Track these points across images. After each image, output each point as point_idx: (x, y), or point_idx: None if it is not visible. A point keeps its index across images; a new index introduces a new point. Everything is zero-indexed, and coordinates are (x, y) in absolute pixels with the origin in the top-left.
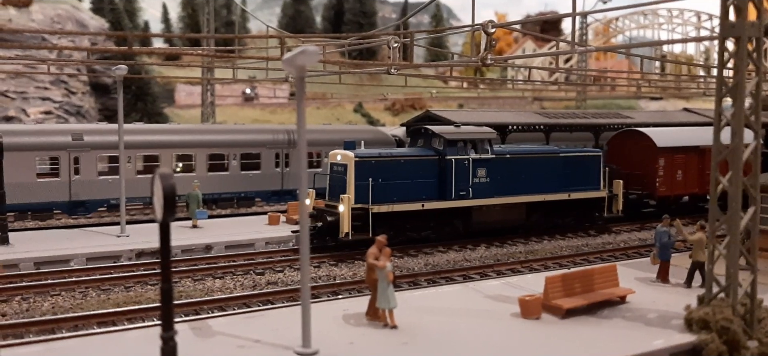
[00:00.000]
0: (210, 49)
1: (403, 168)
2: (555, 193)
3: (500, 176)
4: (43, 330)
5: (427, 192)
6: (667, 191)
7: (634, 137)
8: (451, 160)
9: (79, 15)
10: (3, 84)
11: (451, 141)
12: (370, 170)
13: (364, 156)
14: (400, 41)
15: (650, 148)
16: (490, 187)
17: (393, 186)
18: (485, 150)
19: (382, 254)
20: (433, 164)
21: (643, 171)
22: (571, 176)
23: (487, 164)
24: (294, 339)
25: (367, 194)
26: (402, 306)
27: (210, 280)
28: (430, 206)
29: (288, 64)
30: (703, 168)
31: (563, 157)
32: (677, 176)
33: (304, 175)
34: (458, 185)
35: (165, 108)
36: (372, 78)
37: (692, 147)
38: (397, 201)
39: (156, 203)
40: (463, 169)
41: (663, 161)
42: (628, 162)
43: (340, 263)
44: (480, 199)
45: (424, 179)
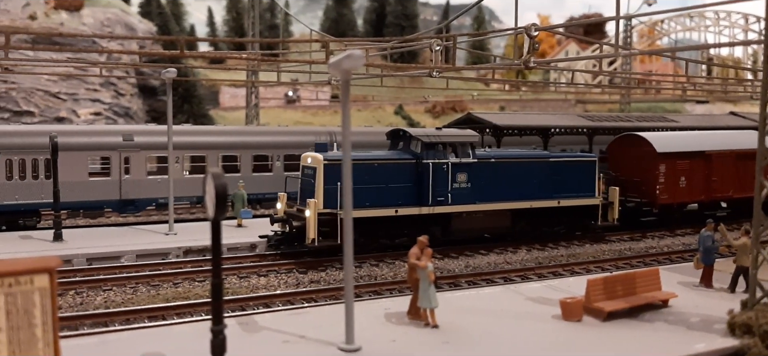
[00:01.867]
0: (255, 52)
1: (377, 172)
2: (543, 200)
3: (483, 181)
4: (96, 322)
5: (404, 198)
6: (669, 198)
7: (634, 141)
8: (428, 164)
9: (128, 19)
10: (55, 86)
11: (429, 145)
12: (338, 174)
13: (334, 159)
14: (442, 44)
15: (650, 153)
16: (472, 193)
17: (366, 191)
18: (466, 154)
19: (423, 254)
20: (409, 169)
21: (642, 178)
22: (563, 183)
23: (468, 169)
24: (337, 335)
25: (335, 199)
26: (443, 306)
27: (255, 278)
28: (405, 212)
29: (334, 68)
30: (710, 175)
31: (553, 162)
32: (680, 184)
33: (347, 176)
34: (436, 191)
35: (210, 110)
36: (413, 80)
37: (697, 153)
38: (370, 206)
39: (208, 202)
40: (442, 174)
41: (664, 167)
42: (628, 168)
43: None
44: (460, 205)
45: (400, 183)
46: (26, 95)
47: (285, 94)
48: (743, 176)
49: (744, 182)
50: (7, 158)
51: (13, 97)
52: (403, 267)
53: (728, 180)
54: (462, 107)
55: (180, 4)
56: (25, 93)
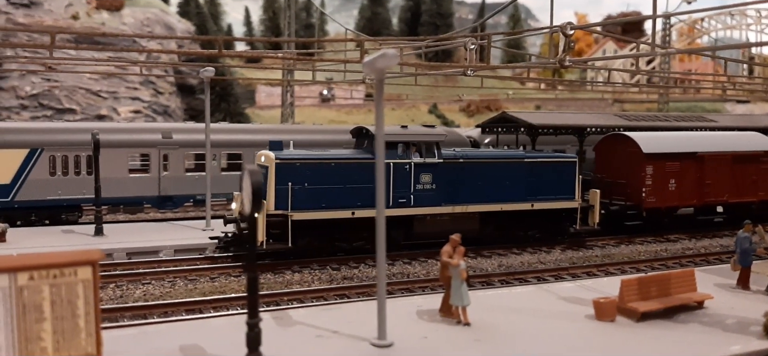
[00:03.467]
0: (291, 52)
1: (334, 172)
2: (515, 202)
3: (449, 182)
4: (135, 315)
5: (363, 199)
6: (657, 202)
7: (620, 141)
8: (388, 164)
9: (167, 18)
10: (96, 84)
11: (390, 144)
12: (293, 174)
13: (287, 158)
14: (477, 43)
15: (636, 154)
16: (437, 194)
17: (322, 192)
18: (431, 154)
19: (456, 252)
20: (369, 169)
21: (628, 180)
22: (538, 185)
23: (433, 170)
24: (369, 331)
25: (286, 200)
26: (475, 304)
27: (289, 273)
28: (362, 214)
29: (368, 68)
30: (703, 178)
31: (529, 163)
32: (670, 186)
33: (380, 176)
34: (397, 192)
35: (246, 108)
36: (447, 79)
37: (689, 154)
38: (326, 208)
39: (245, 198)
40: (403, 174)
41: (651, 168)
42: (614, 170)
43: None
44: (423, 207)
45: (358, 184)
46: (68, 93)
47: (320, 92)
48: (740, 179)
49: (741, 186)
50: (51, 155)
51: (56, 95)
52: (435, 265)
53: (723, 184)
54: (497, 106)
55: (217, 4)
56: (68, 91)
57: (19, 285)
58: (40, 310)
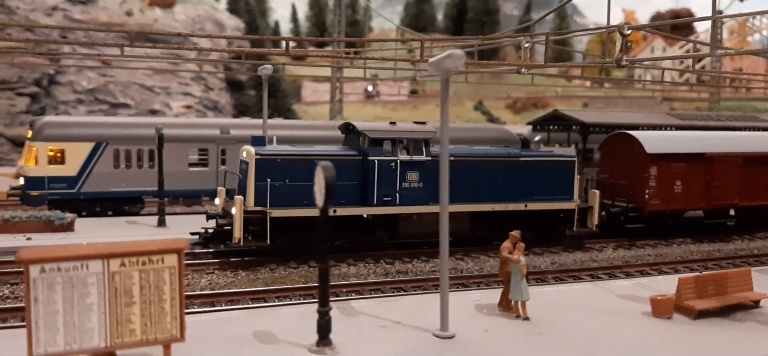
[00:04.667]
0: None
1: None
2: (508, 202)
3: (437, 180)
4: (204, 302)
5: (347, 197)
6: (661, 205)
7: (624, 141)
8: (373, 161)
9: (217, 15)
10: (149, 80)
11: (376, 140)
12: (273, 170)
13: (267, 153)
14: (531, 41)
15: (640, 154)
16: (424, 193)
17: (303, 188)
18: (419, 151)
19: (516, 248)
20: (354, 166)
21: (630, 181)
22: (535, 184)
23: (421, 168)
24: (430, 323)
25: (265, 196)
26: (531, 300)
27: (345, 266)
28: (344, 212)
29: (434, 67)
30: (711, 180)
31: (524, 162)
32: (675, 189)
33: (444, 173)
34: (381, 190)
35: (293, 104)
36: (493, 76)
37: (696, 155)
38: (308, 205)
39: (317, 192)
40: (389, 172)
41: (656, 170)
42: (617, 170)
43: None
44: (409, 206)
45: (343, 181)
46: (123, 88)
47: (365, 89)
48: (752, 182)
49: (753, 189)
50: (115, 148)
51: (111, 90)
52: (488, 262)
53: (733, 187)
54: (544, 103)
55: (265, 0)
56: (122, 86)
57: (111, 271)
58: (130, 294)
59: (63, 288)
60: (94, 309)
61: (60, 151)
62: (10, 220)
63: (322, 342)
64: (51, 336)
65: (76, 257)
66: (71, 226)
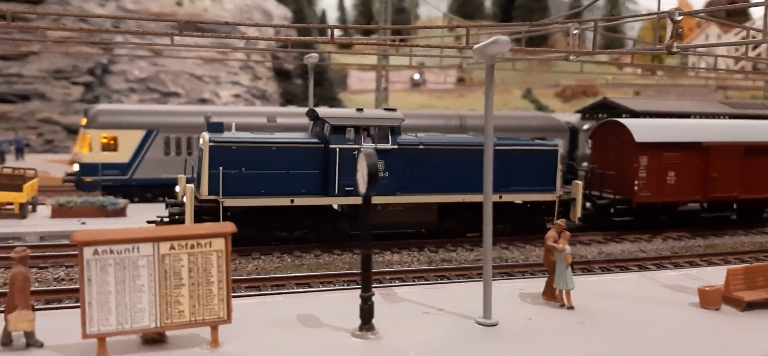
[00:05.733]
0: (386, 38)
1: (275, 157)
2: (479, 193)
3: (405, 170)
4: (250, 286)
5: (308, 186)
6: (652, 196)
7: (613, 129)
8: (334, 149)
9: (265, 4)
10: (199, 69)
11: (338, 127)
12: (228, 157)
13: (222, 140)
14: (580, 28)
15: (628, 143)
16: (390, 183)
17: (260, 177)
18: (384, 140)
19: (561, 237)
20: (315, 154)
21: (619, 171)
22: (512, 175)
23: (386, 156)
24: (474, 310)
25: (218, 185)
26: (577, 289)
27: (389, 254)
28: (303, 202)
29: (479, 54)
30: (708, 171)
31: (501, 151)
32: (668, 179)
33: (489, 161)
34: (343, 180)
35: (339, 93)
36: (541, 64)
37: (691, 144)
38: (266, 195)
39: (360, 179)
40: (351, 160)
41: (646, 159)
42: (607, 160)
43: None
44: (374, 196)
45: (303, 170)
46: (174, 77)
47: (411, 77)
48: (753, 174)
49: (754, 181)
50: (165, 136)
51: (162, 79)
52: (534, 251)
53: (733, 178)
54: (594, 92)
55: None
56: (173, 75)
57: (161, 253)
58: (179, 276)
59: (115, 270)
60: (144, 291)
61: (113, 138)
62: (65, 205)
63: (364, 327)
64: (104, 315)
65: (128, 240)
66: (123, 211)
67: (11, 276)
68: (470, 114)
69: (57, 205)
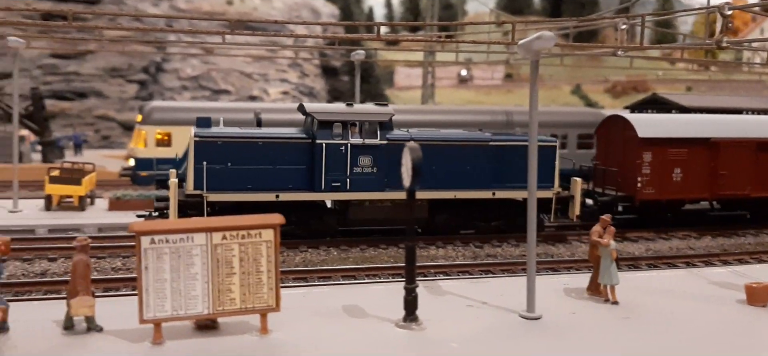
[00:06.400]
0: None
1: (261, 152)
2: (472, 190)
3: (394, 166)
4: (297, 278)
5: (295, 181)
6: (656, 194)
7: (616, 124)
8: (321, 144)
9: (314, 3)
10: (248, 67)
11: (325, 123)
12: (213, 153)
13: (206, 135)
14: (628, 23)
15: (632, 139)
16: (378, 179)
17: (247, 172)
18: (372, 135)
19: (606, 232)
20: (302, 149)
21: (621, 167)
22: (507, 171)
23: (374, 152)
24: (517, 304)
25: (202, 180)
26: (622, 284)
27: (433, 249)
28: (288, 197)
29: (524, 49)
30: (716, 168)
31: (495, 146)
32: (674, 177)
33: (533, 156)
34: (330, 175)
35: (385, 89)
36: (591, 59)
37: (699, 140)
38: (252, 190)
39: (404, 173)
40: (338, 156)
41: (650, 155)
42: (610, 156)
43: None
44: (361, 192)
45: (289, 165)
46: (224, 74)
47: (458, 73)
48: (766, 171)
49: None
50: None
51: (213, 77)
52: (580, 247)
53: (743, 176)
54: (645, 87)
55: None
56: (224, 73)
57: (213, 243)
58: (231, 265)
59: (170, 258)
60: (198, 279)
61: (167, 134)
62: (122, 198)
63: (408, 318)
64: (160, 302)
65: (183, 230)
66: None
67: (73, 264)
68: (517, 110)
69: (114, 198)
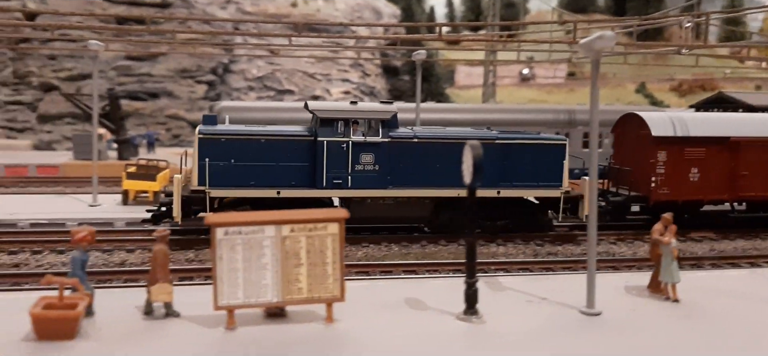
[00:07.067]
0: (494, 33)
1: (264, 149)
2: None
3: (397, 164)
4: (359, 271)
5: (298, 178)
6: (672, 195)
7: (631, 123)
8: (322, 142)
9: (375, 3)
10: (312, 67)
11: (326, 120)
12: (216, 149)
13: (210, 132)
14: (693, 21)
15: (645, 137)
16: (380, 176)
17: (250, 168)
18: (374, 133)
19: (667, 230)
20: (304, 146)
21: (635, 167)
22: (514, 170)
23: (376, 150)
24: (577, 301)
25: (205, 176)
26: (684, 283)
27: (494, 246)
28: (290, 194)
29: (585, 49)
30: (737, 169)
31: (502, 144)
32: (690, 177)
33: (594, 156)
34: (331, 173)
35: (446, 88)
36: (657, 57)
37: (717, 139)
38: (255, 186)
39: (465, 170)
40: (339, 153)
41: (664, 155)
42: (624, 156)
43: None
44: (363, 190)
45: (292, 162)
46: (288, 75)
47: (519, 72)
48: None
49: None
50: None
51: (278, 77)
52: (642, 247)
53: (767, 177)
54: (712, 86)
55: None
56: (288, 74)
57: (282, 235)
58: (298, 257)
59: (243, 249)
60: (268, 268)
61: None
62: None
63: (469, 311)
64: (233, 290)
65: (254, 222)
66: None
67: (154, 253)
68: (580, 109)
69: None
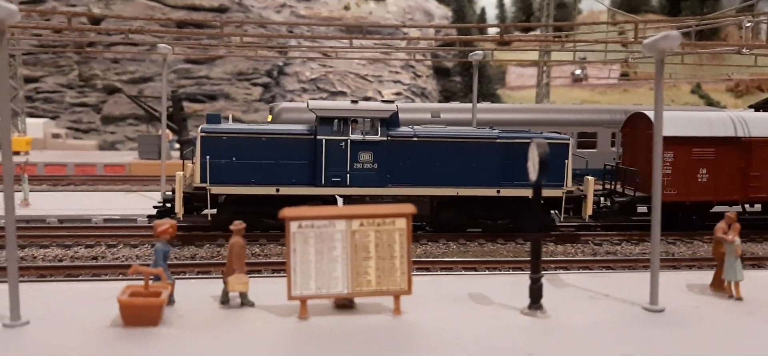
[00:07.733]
0: (547, 34)
1: (264, 147)
2: (476, 187)
3: (397, 162)
4: (420, 267)
5: (297, 176)
6: (680, 195)
7: (638, 122)
8: (321, 140)
9: (426, 5)
10: (364, 69)
11: (325, 119)
12: (217, 147)
13: (211, 131)
14: (753, 21)
15: (651, 137)
16: (379, 175)
17: (251, 166)
18: (374, 131)
19: (731, 229)
20: (304, 145)
21: (641, 166)
22: (515, 168)
23: (375, 148)
24: (639, 297)
25: (206, 173)
26: (748, 282)
27: (552, 245)
28: (289, 192)
29: (649, 49)
30: (748, 169)
31: (502, 143)
32: (699, 177)
33: (658, 158)
34: (330, 171)
35: (497, 89)
36: (713, 57)
37: (727, 139)
38: (256, 184)
39: (531, 168)
40: (338, 151)
41: (671, 155)
42: (632, 156)
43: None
44: (361, 188)
45: (292, 160)
46: (341, 77)
47: (572, 72)
48: None
49: None
50: None
51: (330, 79)
52: (702, 247)
53: None
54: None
55: None
56: (340, 76)
57: (352, 229)
58: (367, 250)
59: (315, 242)
60: (339, 261)
61: None
62: None
63: (533, 306)
64: (305, 281)
65: (326, 216)
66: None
67: (230, 245)
68: (635, 109)
69: None
